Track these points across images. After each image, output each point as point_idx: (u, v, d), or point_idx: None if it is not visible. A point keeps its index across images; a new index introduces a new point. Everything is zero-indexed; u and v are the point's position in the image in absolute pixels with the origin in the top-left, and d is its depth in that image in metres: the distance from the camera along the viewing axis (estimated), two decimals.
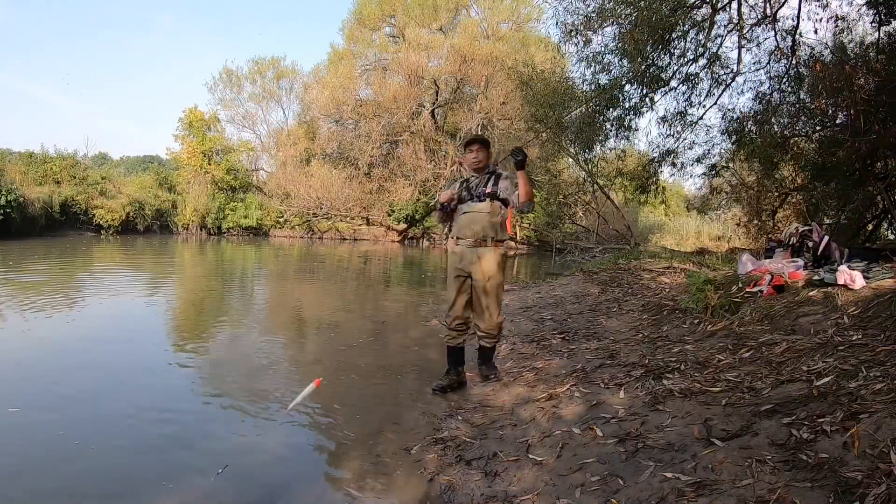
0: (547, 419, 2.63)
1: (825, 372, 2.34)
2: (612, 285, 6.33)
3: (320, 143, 23.20)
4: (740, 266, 4.77)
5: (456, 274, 3.36)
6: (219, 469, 2.25)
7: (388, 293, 8.66)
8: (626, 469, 2.01)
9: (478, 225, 3.29)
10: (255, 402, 3.16)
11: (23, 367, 3.69)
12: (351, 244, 20.76)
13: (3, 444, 2.51)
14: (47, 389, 3.21)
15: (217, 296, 7.67)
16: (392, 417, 2.98)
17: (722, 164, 10.22)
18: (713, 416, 2.20)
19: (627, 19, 7.85)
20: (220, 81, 26.67)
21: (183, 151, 23.73)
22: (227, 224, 22.75)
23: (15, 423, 2.73)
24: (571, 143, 11.45)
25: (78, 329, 4.91)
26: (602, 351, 3.67)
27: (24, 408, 2.91)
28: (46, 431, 2.63)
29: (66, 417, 2.81)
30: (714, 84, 8.93)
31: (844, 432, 1.80)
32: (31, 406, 2.94)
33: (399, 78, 21.45)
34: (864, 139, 5.56)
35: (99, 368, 3.71)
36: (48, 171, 19.83)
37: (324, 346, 4.75)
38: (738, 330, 3.39)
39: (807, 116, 7.63)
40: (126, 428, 2.72)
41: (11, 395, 3.12)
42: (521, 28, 22.86)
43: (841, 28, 7.38)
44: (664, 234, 19.36)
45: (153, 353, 4.20)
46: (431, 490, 2.18)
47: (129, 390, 3.30)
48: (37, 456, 2.39)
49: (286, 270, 11.82)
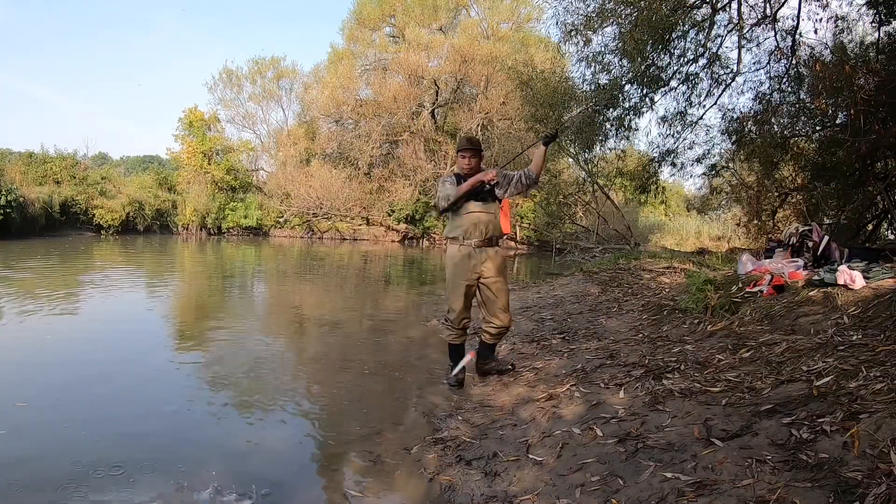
0: (547, 419, 2.63)
1: (825, 372, 2.34)
2: (612, 285, 6.33)
3: (320, 143, 23.18)
4: (740, 266, 4.77)
5: (463, 275, 3.30)
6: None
7: (388, 293, 8.66)
8: (626, 469, 2.01)
9: (484, 225, 3.30)
10: (255, 401, 3.16)
11: (26, 365, 3.70)
12: (351, 244, 20.76)
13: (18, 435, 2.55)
14: (48, 385, 3.22)
15: (217, 295, 7.67)
16: (392, 417, 2.98)
17: (722, 164, 10.21)
18: (713, 416, 2.20)
19: (627, 19, 7.84)
20: (220, 81, 26.62)
21: (183, 151, 23.70)
22: (227, 224, 22.73)
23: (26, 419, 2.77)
24: (571, 143, 11.44)
25: (77, 329, 4.91)
26: (602, 351, 3.67)
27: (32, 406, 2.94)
28: (55, 425, 2.68)
29: (72, 410, 2.85)
30: (714, 84, 8.92)
31: (844, 432, 1.80)
32: (38, 403, 2.95)
33: (399, 78, 21.45)
34: (864, 139, 5.56)
35: (105, 375, 3.71)
36: (48, 171, 19.82)
37: (324, 345, 4.75)
38: (738, 330, 3.39)
39: (807, 116, 7.62)
40: (124, 426, 2.72)
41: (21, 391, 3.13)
42: (521, 28, 22.86)
43: (841, 28, 7.37)
44: (664, 234, 19.36)
45: (153, 353, 4.20)
46: (431, 490, 2.18)
47: (130, 390, 3.30)
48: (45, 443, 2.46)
49: (286, 270, 11.82)
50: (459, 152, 3.40)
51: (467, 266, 3.29)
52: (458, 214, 3.35)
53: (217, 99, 27.14)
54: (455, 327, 3.41)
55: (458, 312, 3.36)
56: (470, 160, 3.36)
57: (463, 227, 3.31)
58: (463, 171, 3.38)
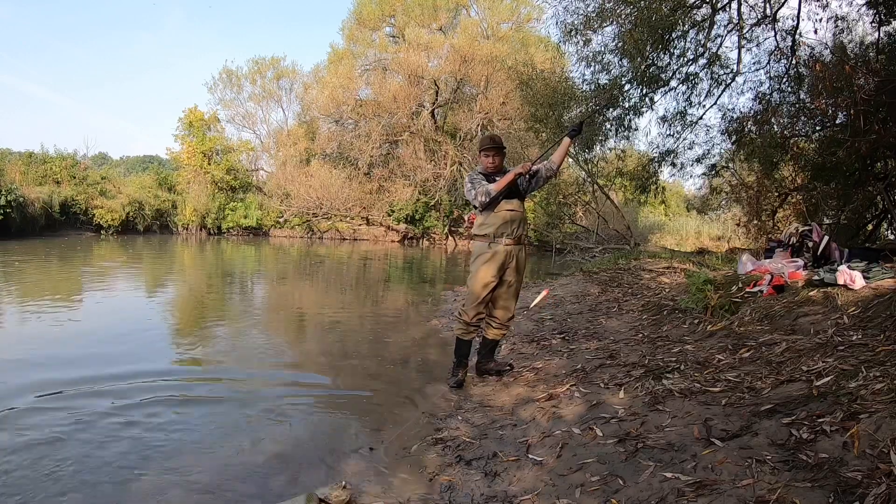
0: (547, 419, 2.63)
1: (825, 372, 2.34)
2: (612, 285, 6.32)
3: (320, 143, 23.16)
4: (740, 266, 4.77)
5: (492, 273, 3.27)
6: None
7: (388, 293, 8.66)
8: (626, 469, 2.01)
9: (516, 224, 3.30)
10: (255, 401, 3.16)
11: (30, 364, 3.70)
12: (351, 244, 20.76)
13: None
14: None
15: (217, 295, 7.66)
16: (392, 417, 2.98)
17: (722, 164, 10.20)
18: (713, 416, 2.20)
19: (627, 19, 7.84)
20: (219, 81, 26.59)
21: (183, 151, 23.69)
22: (227, 224, 22.72)
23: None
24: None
25: (79, 328, 4.91)
26: (602, 351, 3.67)
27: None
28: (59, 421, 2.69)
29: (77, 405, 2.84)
30: (714, 84, 8.92)
31: (844, 432, 1.80)
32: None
33: (399, 78, 21.42)
34: (864, 139, 5.55)
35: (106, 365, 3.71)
36: (48, 171, 19.79)
37: (323, 345, 4.75)
38: (738, 330, 3.39)
39: (807, 116, 7.61)
40: (122, 424, 2.72)
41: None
42: (521, 28, 22.84)
43: (841, 28, 7.37)
44: (664, 234, 19.36)
45: (153, 352, 4.20)
46: (431, 490, 2.18)
47: (130, 387, 3.30)
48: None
49: (286, 270, 11.82)
50: (483, 151, 3.37)
51: (497, 265, 3.26)
52: (490, 211, 3.30)
53: (217, 99, 27.15)
54: (469, 323, 3.38)
55: (476, 309, 3.34)
56: (494, 158, 3.34)
57: (495, 225, 3.27)
58: (487, 170, 3.35)
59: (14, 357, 3.89)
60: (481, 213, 3.33)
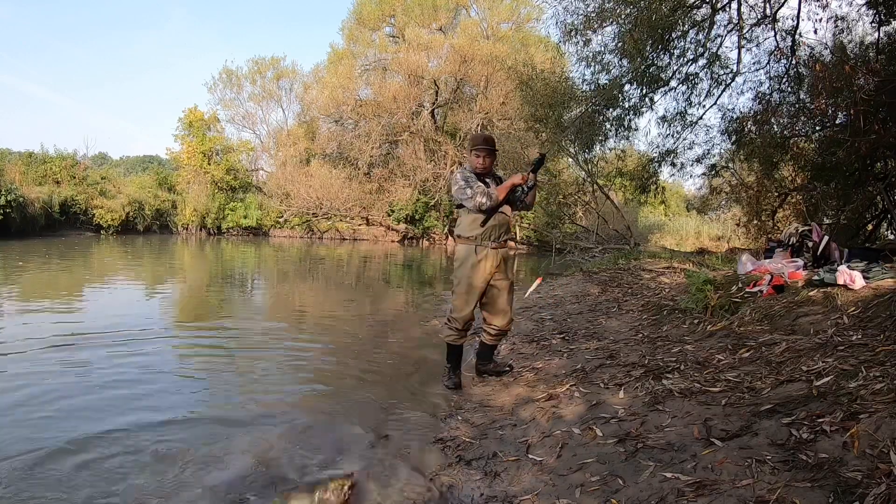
0: (547, 419, 2.63)
1: (825, 372, 2.34)
2: (612, 285, 6.32)
3: (320, 143, 23.18)
4: (740, 266, 4.77)
5: (480, 278, 3.21)
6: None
7: (388, 293, 8.66)
8: (625, 469, 2.00)
9: (505, 227, 3.26)
10: (254, 401, 3.16)
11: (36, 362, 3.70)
12: (351, 244, 20.76)
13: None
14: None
15: (217, 295, 7.66)
16: (392, 417, 2.97)
17: (722, 164, 10.21)
18: (713, 416, 2.20)
19: (627, 19, 7.85)
20: (219, 81, 26.62)
21: (183, 151, 23.71)
22: (227, 224, 22.74)
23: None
24: (571, 143, 11.44)
25: (80, 326, 4.91)
26: (602, 351, 3.67)
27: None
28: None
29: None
30: (714, 84, 8.93)
31: (844, 432, 1.80)
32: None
33: (399, 78, 21.44)
34: (864, 139, 5.55)
35: (106, 367, 3.71)
36: (48, 171, 19.81)
37: (323, 345, 4.75)
38: (737, 330, 3.39)
39: (807, 116, 7.62)
40: (120, 425, 2.72)
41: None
42: (521, 28, 22.86)
43: (841, 28, 7.37)
44: (664, 234, 19.36)
45: (153, 352, 4.19)
46: (431, 490, 2.18)
47: (131, 386, 3.30)
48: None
49: (286, 270, 11.81)
50: (474, 150, 3.24)
51: (485, 268, 3.19)
52: (481, 215, 3.19)
53: (217, 99, 27.20)
54: (459, 328, 3.31)
55: (465, 314, 3.27)
56: (485, 159, 3.23)
57: (484, 229, 3.18)
58: (477, 170, 3.23)
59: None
60: (469, 213, 3.21)
